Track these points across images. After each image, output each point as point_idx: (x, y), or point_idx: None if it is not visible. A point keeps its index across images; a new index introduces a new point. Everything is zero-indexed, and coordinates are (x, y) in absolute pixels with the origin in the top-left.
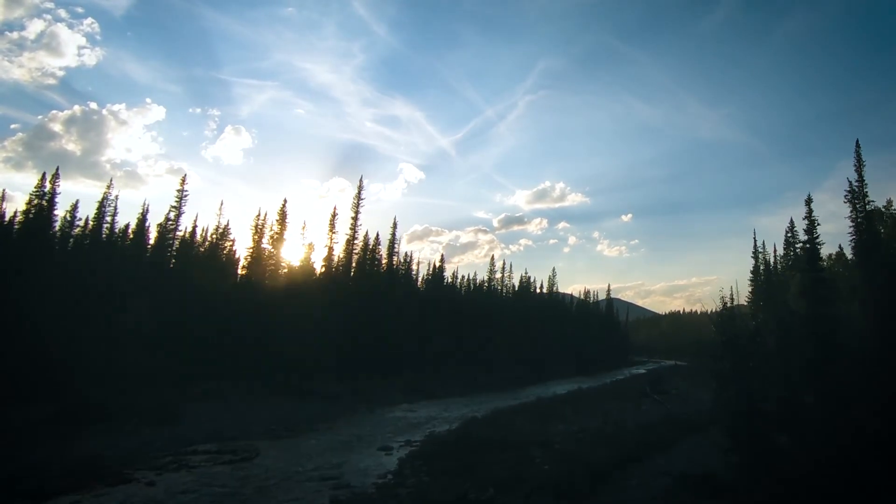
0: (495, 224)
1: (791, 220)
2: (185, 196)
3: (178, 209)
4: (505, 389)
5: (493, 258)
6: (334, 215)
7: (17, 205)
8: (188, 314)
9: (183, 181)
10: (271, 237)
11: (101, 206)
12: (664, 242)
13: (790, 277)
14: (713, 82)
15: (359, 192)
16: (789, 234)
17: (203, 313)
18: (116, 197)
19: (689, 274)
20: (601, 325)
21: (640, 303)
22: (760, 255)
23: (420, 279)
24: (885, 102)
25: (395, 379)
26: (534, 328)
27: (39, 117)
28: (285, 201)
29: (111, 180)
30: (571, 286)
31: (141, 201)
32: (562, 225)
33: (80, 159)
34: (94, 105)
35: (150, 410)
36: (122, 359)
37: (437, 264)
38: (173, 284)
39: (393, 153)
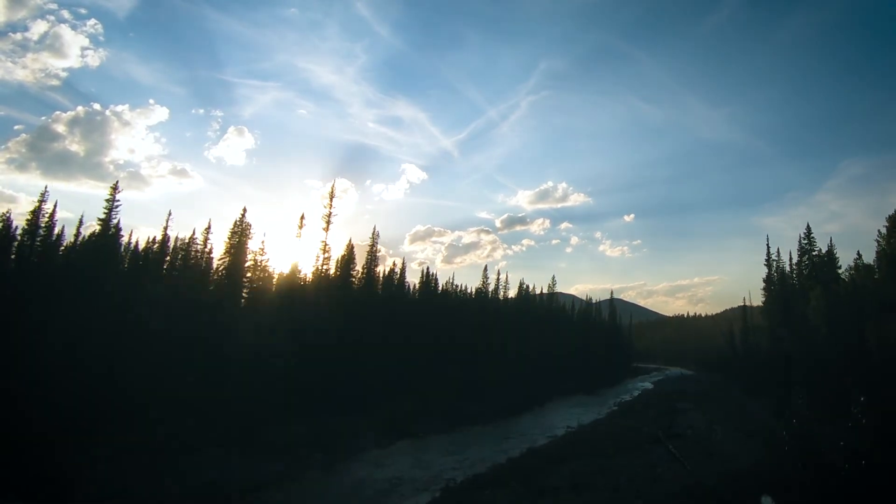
0: (498, 224)
1: (808, 226)
2: (117, 206)
3: (106, 221)
4: (496, 420)
5: (485, 269)
6: (302, 224)
7: (21, 206)
8: (115, 344)
9: (114, 189)
10: (227, 251)
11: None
12: (666, 243)
13: (809, 289)
14: (716, 82)
15: (331, 200)
16: (805, 241)
17: (134, 341)
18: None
19: (692, 274)
20: (604, 334)
21: (642, 303)
22: (774, 263)
23: (413, 287)
24: (888, 102)
25: (368, 414)
26: (532, 341)
27: (43, 118)
28: (244, 212)
29: (46, 188)
30: (574, 286)
31: (145, 204)
32: (564, 225)
33: (83, 160)
34: (97, 106)
35: (39, 472)
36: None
37: (424, 276)
38: (100, 307)
39: (396, 154)
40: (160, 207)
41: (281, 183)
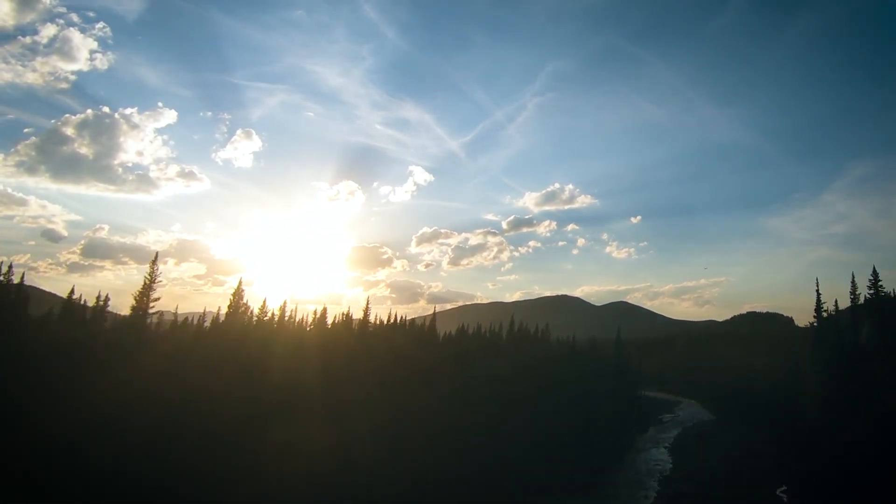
0: (504, 226)
1: (874, 269)
2: None
3: None
4: None
5: (462, 326)
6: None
7: (29, 209)
8: None
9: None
10: None
11: None
12: (672, 244)
13: (887, 358)
14: (722, 83)
15: (153, 272)
16: (871, 291)
17: None
18: None
19: (698, 275)
20: (609, 375)
21: (647, 305)
22: (829, 314)
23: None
24: (892, 102)
25: None
26: (516, 411)
27: (52, 121)
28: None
29: None
30: (580, 288)
31: (153, 206)
32: (570, 227)
33: (92, 163)
34: (106, 109)
35: None
36: None
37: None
38: None
39: (402, 155)
40: (168, 210)
41: (288, 185)
